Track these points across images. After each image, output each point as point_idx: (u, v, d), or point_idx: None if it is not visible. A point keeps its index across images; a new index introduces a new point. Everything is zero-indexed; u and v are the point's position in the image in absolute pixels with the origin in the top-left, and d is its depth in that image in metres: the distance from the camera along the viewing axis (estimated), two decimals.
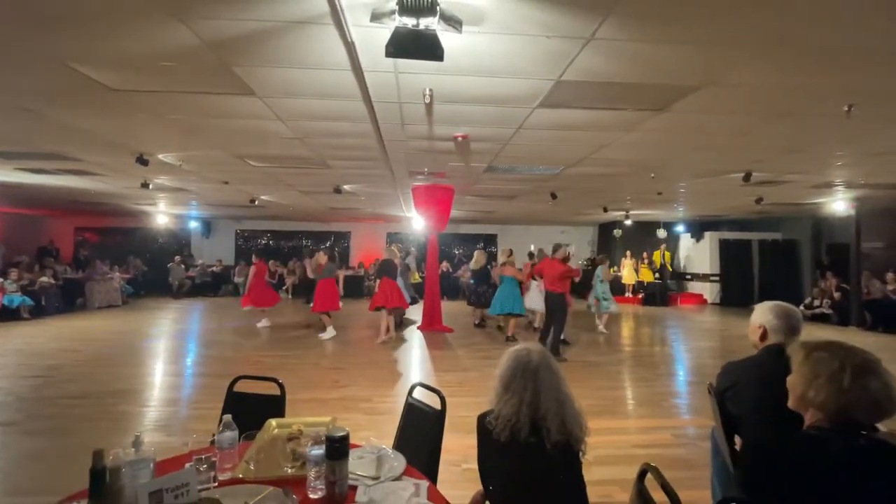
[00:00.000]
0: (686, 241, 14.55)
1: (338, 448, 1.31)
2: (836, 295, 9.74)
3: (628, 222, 12.33)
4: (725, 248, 13.49)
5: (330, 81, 3.46)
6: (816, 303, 10.19)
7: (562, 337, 6.70)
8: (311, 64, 3.16)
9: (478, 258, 9.29)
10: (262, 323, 8.80)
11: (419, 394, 2.19)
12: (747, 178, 6.60)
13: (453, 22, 2.09)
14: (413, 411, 2.09)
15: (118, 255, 14.28)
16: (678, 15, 2.44)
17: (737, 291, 13.25)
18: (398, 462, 1.49)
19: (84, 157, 6.27)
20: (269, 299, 8.96)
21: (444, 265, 15.04)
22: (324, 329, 7.88)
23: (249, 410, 2.08)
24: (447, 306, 9.75)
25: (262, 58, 3.08)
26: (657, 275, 13.79)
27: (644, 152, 5.52)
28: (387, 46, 2.06)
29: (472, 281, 9.72)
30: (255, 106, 4.01)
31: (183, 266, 13.82)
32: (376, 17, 2.12)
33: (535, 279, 8.14)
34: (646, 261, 14.02)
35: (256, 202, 10.36)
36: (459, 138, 4.88)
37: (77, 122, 4.58)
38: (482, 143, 5.14)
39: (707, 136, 4.82)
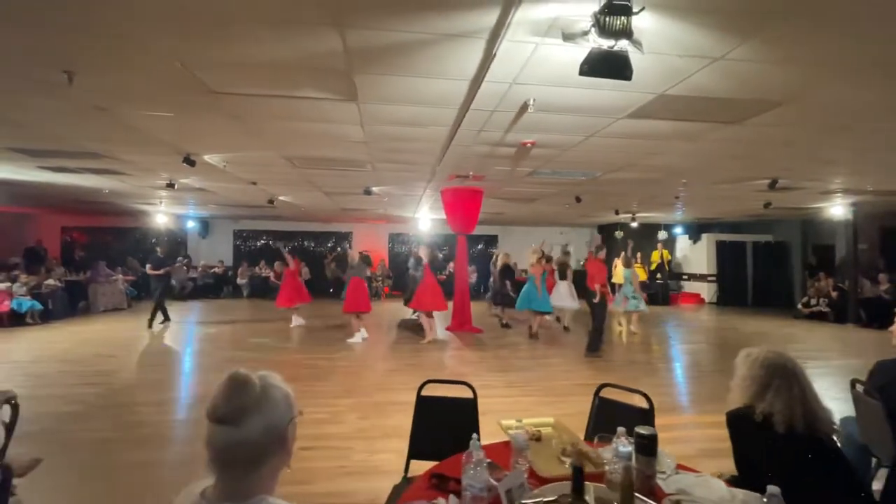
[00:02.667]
0: (683, 243, 15.13)
1: (647, 445, 1.43)
2: (834, 294, 10.36)
3: (634, 224, 12.74)
4: (721, 249, 14.11)
5: (438, 90, 3.53)
6: (813, 301, 10.81)
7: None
8: (434, 74, 3.23)
9: (501, 258, 9.46)
10: (296, 322, 8.73)
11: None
12: (773, 185, 7.01)
13: (637, 44, 2.23)
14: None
15: (110, 256, 13.73)
16: (804, 39, 2.64)
17: (732, 291, 13.90)
18: (669, 458, 1.61)
19: (122, 157, 6.09)
20: (305, 296, 8.89)
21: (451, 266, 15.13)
22: (351, 332, 7.66)
23: (442, 413, 2.16)
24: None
25: (390, 67, 3.13)
26: (658, 275, 14.29)
27: (690, 160, 5.79)
28: (581, 65, 2.18)
29: (495, 281, 9.86)
30: (346, 110, 4.04)
31: (184, 268, 13.41)
32: (568, 37, 2.23)
33: (562, 278, 8.41)
34: (639, 260, 14.50)
35: (275, 203, 10.20)
36: (528, 145, 5.01)
37: (143, 122, 4.48)
38: (544, 149, 5.29)
39: (757, 147, 5.12)
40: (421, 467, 2.14)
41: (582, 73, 2.19)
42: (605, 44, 2.13)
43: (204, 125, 4.59)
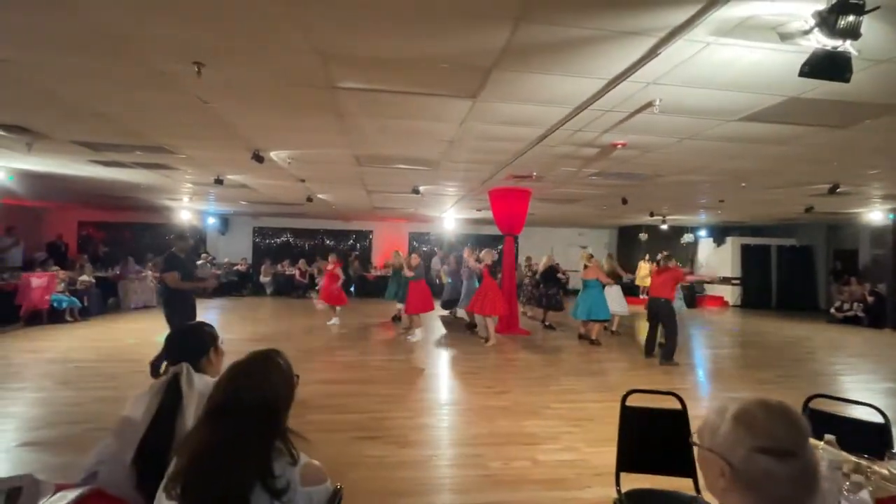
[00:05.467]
0: (707, 246, 15.17)
1: None
2: (871, 299, 10.42)
3: (664, 227, 12.75)
4: (746, 252, 14.17)
5: (568, 89, 3.45)
6: (847, 306, 10.87)
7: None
8: (576, 73, 3.15)
9: (545, 260, 9.39)
10: (333, 321, 8.66)
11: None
12: (833, 189, 7.00)
13: (855, 45, 2.16)
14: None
15: (129, 252, 13.47)
16: None
17: (756, 294, 13.96)
18: None
19: (185, 152, 5.94)
20: (343, 298, 8.84)
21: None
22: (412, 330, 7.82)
23: (651, 427, 2.09)
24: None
25: (538, 65, 3.05)
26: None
27: (765, 163, 5.75)
28: (802, 66, 2.11)
29: (539, 283, 9.72)
30: (456, 108, 3.94)
31: (209, 265, 13.21)
32: (785, 37, 2.16)
33: (616, 283, 8.35)
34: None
35: (313, 200, 10.06)
36: (618, 146, 4.95)
37: (238, 117, 4.36)
38: (627, 150, 5.22)
39: (844, 151, 5.09)
40: (630, 480, 2.08)
41: (802, 74, 2.12)
42: (830, 44, 2.05)
43: (301, 122, 4.48)
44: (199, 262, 13.22)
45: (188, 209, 13.12)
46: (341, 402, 4.45)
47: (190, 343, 1.62)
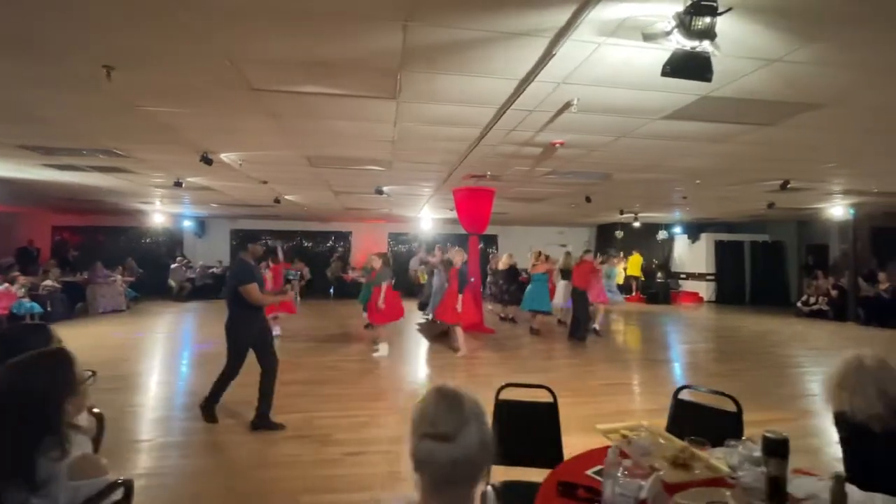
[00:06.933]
0: (682, 242, 15.31)
1: (779, 449, 1.42)
2: (834, 293, 10.58)
3: (637, 224, 12.85)
4: (720, 248, 14.32)
5: (483, 89, 3.50)
6: (812, 300, 11.02)
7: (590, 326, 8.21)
8: (483, 73, 3.20)
9: (505, 259, 9.50)
10: (276, 331, 7.41)
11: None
12: (784, 185, 7.12)
13: (716, 45, 2.22)
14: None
15: (103, 256, 13.37)
16: (867, 41, 2.67)
17: (730, 290, 14.12)
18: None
19: (136, 155, 5.94)
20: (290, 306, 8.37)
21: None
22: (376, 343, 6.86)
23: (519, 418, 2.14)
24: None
25: (442, 66, 3.09)
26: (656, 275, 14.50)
27: (711, 161, 5.84)
28: (664, 66, 2.17)
29: (500, 281, 9.88)
30: (383, 109, 3.98)
31: (184, 268, 13.15)
32: (649, 37, 2.21)
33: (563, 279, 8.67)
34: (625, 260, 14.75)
35: (280, 202, 10.06)
36: (557, 145, 5.01)
37: (173, 119, 4.37)
38: (571, 149, 5.29)
39: (781, 149, 5.18)
40: (498, 473, 2.12)
41: (664, 74, 2.18)
42: (688, 44, 2.11)
43: (235, 123, 4.49)
44: (172, 266, 13.20)
45: (162, 212, 13.08)
46: (280, 403, 4.45)
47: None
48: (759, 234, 14.60)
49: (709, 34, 2.09)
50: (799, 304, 11.33)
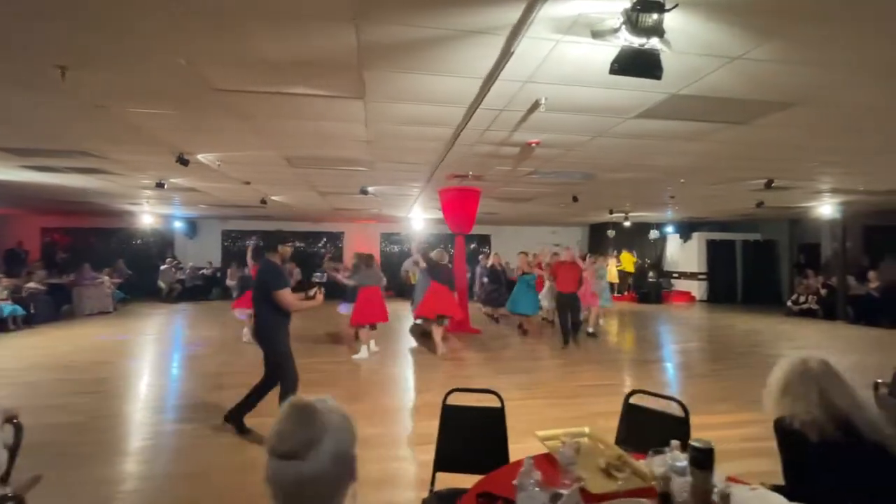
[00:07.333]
0: (674, 242, 15.27)
1: (704, 459, 1.37)
2: (823, 291, 10.54)
3: (627, 224, 12.81)
4: (712, 248, 14.28)
5: (449, 88, 3.45)
6: (802, 299, 10.99)
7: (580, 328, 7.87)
8: (446, 72, 3.15)
9: (493, 259, 9.48)
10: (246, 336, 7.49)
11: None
12: (769, 184, 7.08)
13: (666, 42, 2.18)
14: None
15: (93, 258, 13.33)
16: (827, 38, 2.62)
17: (722, 289, 14.08)
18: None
19: (113, 156, 5.89)
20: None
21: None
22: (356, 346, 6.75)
23: (469, 424, 2.09)
24: None
25: (401, 64, 3.04)
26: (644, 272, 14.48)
27: (691, 160, 5.80)
28: (612, 63, 2.12)
29: (486, 280, 9.86)
30: (351, 109, 3.93)
31: (173, 269, 13.09)
32: (598, 34, 2.17)
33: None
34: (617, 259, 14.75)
35: (267, 203, 10.00)
36: (533, 144, 4.96)
37: (141, 120, 4.32)
38: (549, 149, 5.24)
39: (759, 147, 5.14)
40: (446, 480, 2.08)
41: (612, 71, 2.13)
42: (636, 42, 2.07)
43: (205, 123, 4.44)
44: (162, 267, 13.14)
45: (152, 213, 13.01)
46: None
47: None
48: (752, 233, 14.57)
49: (657, 31, 2.04)
50: (789, 303, 11.29)
